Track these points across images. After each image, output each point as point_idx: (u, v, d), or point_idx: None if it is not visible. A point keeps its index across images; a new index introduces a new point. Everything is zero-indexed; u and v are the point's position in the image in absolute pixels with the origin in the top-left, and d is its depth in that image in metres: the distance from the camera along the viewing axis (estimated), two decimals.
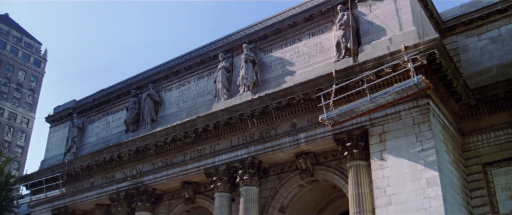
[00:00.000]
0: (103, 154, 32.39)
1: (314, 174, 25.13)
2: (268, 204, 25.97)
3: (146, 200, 29.98)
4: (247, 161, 25.83)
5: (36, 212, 36.49)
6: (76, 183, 34.17)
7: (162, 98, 32.43)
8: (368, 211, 21.57)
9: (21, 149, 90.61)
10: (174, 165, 29.13)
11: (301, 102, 24.73)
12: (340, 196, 26.85)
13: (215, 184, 26.81)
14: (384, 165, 21.70)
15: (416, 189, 20.53)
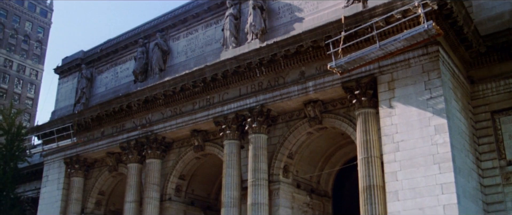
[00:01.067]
0: (113, 104, 32.76)
1: (323, 121, 25.36)
2: (277, 151, 26.38)
3: (156, 148, 30.51)
4: (256, 109, 26.06)
5: (49, 161, 37.33)
6: (87, 132, 34.75)
7: (170, 47, 32.44)
8: (376, 157, 21.91)
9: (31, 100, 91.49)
10: (183, 114, 29.48)
11: (309, 50, 24.68)
12: (348, 143, 27.19)
13: (224, 132, 27.17)
14: (393, 113, 21.85)
15: (424, 136, 20.74)
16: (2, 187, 40.80)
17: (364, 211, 21.34)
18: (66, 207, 34.63)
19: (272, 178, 25.91)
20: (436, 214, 19.52)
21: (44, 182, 37.21)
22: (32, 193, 43.18)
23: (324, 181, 30.00)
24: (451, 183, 19.55)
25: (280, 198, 25.71)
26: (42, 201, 36.62)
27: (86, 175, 35.46)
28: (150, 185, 29.97)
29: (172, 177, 30.89)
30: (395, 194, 20.67)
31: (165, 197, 30.57)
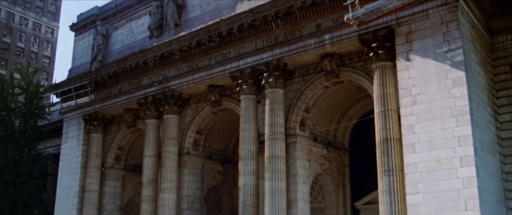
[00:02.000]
0: (129, 60, 33.03)
1: (339, 75, 25.37)
2: (294, 105, 26.56)
3: (173, 104, 30.88)
4: (272, 64, 26.11)
5: (68, 118, 38.06)
6: (104, 89, 35.21)
7: (184, 1, 32.27)
8: (393, 110, 22.00)
9: (48, 59, 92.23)
10: (200, 69, 29.65)
11: (326, 2, 24.43)
12: (365, 97, 27.26)
13: (240, 87, 27.36)
14: (410, 66, 21.76)
15: (442, 89, 20.71)
16: (24, 144, 41.81)
17: (381, 163, 21.62)
18: (87, 162, 35.50)
19: (289, 131, 26.21)
20: (452, 166, 19.70)
21: (64, 138, 38.07)
22: (53, 149, 44.24)
23: (340, 134, 30.28)
24: (468, 135, 19.65)
25: (297, 151, 26.07)
26: (63, 157, 37.57)
27: (104, 131, 36.16)
28: (168, 140, 30.53)
29: (190, 132, 31.40)
30: (412, 147, 20.86)
31: (183, 151, 31.19)
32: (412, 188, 20.58)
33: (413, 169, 20.67)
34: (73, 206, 35.01)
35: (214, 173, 33.21)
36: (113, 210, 35.11)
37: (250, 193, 25.81)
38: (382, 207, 21.27)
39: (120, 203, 35.75)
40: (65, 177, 36.59)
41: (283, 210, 24.63)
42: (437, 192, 19.90)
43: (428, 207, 19.95)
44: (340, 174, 29.82)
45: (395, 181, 21.17)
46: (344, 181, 29.93)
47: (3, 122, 42.44)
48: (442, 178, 19.90)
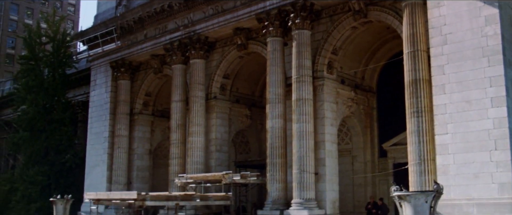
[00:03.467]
0: (154, 4, 32.99)
1: (368, 14, 24.96)
2: (321, 47, 26.40)
3: (199, 48, 30.98)
4: (299, 4, 25.76)
5: (95, 65, 38.62)
6: (130, 35, 35.42)
7: None
8: (422, 50, 21.73)
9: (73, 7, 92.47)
10: (225, 11, 29.48)
11: None
12: (394, 37, 26.90)
13: (267, 29, 27.21)
14: (441, 3, 21.29)
15: (474, 27, 20.30)
16: (53, 92, 42.79)
17: (410, 104, 21.58)
18: (115, 108, 36.24)
19: (316, 74, 26.19)
20: (483, 106, 19.59)
21: (92, 86, 38.76)
22: (82, 97, 45.13)
23: (368, 77, 30.16)
24: (500, 76, 19.40)
25: (325, 94, 26.12)
26: (92, 104, 38.40)
27: (132, 77, 36.66)
28: (195, 85, 30.86)
29: (217, 76, 31.64)
30: (442, 88, 20.73)
31: (211, 96, 31.55)
32: (441, 128, 20.61)
33: (442, 110, 20.62)
34: (104, 150, 36.07)
35: (242, 117, 33.62)
36: (143, 153, 36.15)
37: (277, 135, 26.16)
38: (411, 148, 21.40)
39: (149, 147, 36.73)
40: (95, 123, 37.53)
41: (311, 151, 24.99)
42: (467, 132, 19.91)
43: (456, 147, 20.03)
44: (367, 116, 29.92)
45: (423, 122, 21.17)
46: (372, 123, 30.04)
47: (32, 71, 43.37)
48: (472, 118, 19.84)
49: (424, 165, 20.97)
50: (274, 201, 25.85)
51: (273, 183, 26.08)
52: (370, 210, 25.80)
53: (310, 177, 24.91)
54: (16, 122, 46.11)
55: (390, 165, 28.76)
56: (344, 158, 29.10)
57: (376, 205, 25.71)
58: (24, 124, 42.67)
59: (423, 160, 20.99)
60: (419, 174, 20.96)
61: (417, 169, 21.07)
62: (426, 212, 17.65)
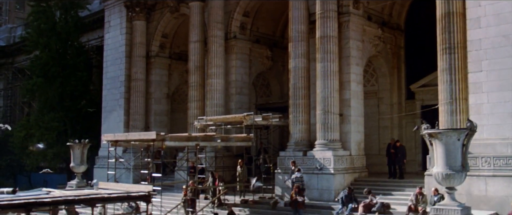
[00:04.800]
0: None
1: None
2: None
3: None
4: None
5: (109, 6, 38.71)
6: None
7: None
8: None
9: None
10: None
11: None
12: None
13: None
14: None
15: None
16: (66, 36, 42.67)
17: (441, 40, 20.96)
18: (131, 51, 36.14)
19: (342, 9, 25.50)
20: None
21: (107, 28, 38.54)
22: (96, 41, 45.00)
23: (396, 14, 29.41)
24: None
25: (350, 31, 25.53)
26: (106, 47, 38.30)
27: (147, 18, 36.28)
28: (213, 24, 30.42)
29: (236, 14, 31.15)
30: (477, 21, 20.03)
31: (230, 35, 31.18)
32: (475, 66, 20.07)
33: (477, 46, 19.99)
34: (120, 95, 36.22)
35: (262, 58, 33.27)
36: (161, 97, 36.23)
37: (300, 75, 25.87)
38: (442, 86, 20.93)
39: (167, 91, 36.76)
40: (110, 67, 37.52)
41: (335, 92, 24.72)
42: (503, 69, 19.35)
43: (491, 85, 19.53)
44: (395, 56, 29.37)
45: (456, 59, 20.57)
46: (399, 63, 29.51)
47: (43, 14, 43.06)
48: (509, 54, 19.23)
49: (455, 105, 20.56)
50: (297, 143, 25.87)
51: (296, 125, 26.01)
52: (390, 150, 25.63)
53: (335, 118, 24.75)
54: (29, 68, 46.38)
55: (417, 107, 28.40)
56: (369, 100, 28.80)
57: (395, 146, 25.52)
58: (38, 70, 42.85)
59: (454, 99, 20.56)
60: (450, 113, 20.59)
61: (448, 109, 20.68)
62: (458, 150, 17.45)
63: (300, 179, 23.14)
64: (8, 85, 57.16)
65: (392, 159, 25.57)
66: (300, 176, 23.24)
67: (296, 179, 23.07)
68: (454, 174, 17.21)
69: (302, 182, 23.15)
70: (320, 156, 24.49)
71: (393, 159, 25.44)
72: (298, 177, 23.15)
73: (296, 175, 23.27)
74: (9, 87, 57.03)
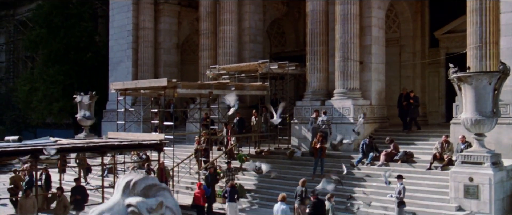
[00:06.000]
0: None
1: None
2: None
3: None
4: None
5: None
6: None
7: None
8: None
9: None
10: None
11: None
12: None
13: None
14: None
15: None
16: None
17: None
18: None
19: None
20: None
21: None
22: None
23: None
24: None
25: None
26: None
27: None
28: None
29: None
30: None
31: None
32: (508, 5, 19.47)
33: None
34: (128, 45, 35.80)
35: (277, 3, 32.57)
36: (170, 47, 35.69)
37: (319, 19, 25.27)
38: (471, 29, 20.36)
39: (176, 41, 36.19)
40: (116, 16, 36.95)
41: (355, 37, 24.17)
42: None
43: None
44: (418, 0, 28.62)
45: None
46: (423, 7, 28.74)
47: None
48: None
49: (485, 49, 20.05)
50: (314, 92, 25.54)
51: (313, 73, 25.61)
52: (401, 102, 24.88)
53: (355, 65, 24.29)
54: (32, 18, 45.94)
55: (442, 55, 27.82)
56: (391, 48, 28.16)
57: (408, 97, 24.75)
58: (41, 20, 42.39)
59: (484, 43, 20.04)
60: (479, 58, 20.10)
61: (477, 53, 20.18)
62: (489, 95, 17.04)
63: (326, 122, 22.91)
64: (10, 39, 56.90)
65: (404, 111, 24.78)
66: (327, 119, 22.98)
67: (323, 122, 22.82)
68: (484, 120, 16.89)
69: (329, 126, 23.00)
70: (339, 105, 24.16)
71: (406, 109, 24.75)
72: (324, 120, 22.90)
73: (323, 117, 23.02)
74: (11, 41, 56.77)
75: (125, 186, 4.38)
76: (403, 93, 25.29)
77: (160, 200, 4.30)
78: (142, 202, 4.25)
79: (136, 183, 4.38)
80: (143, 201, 4.26)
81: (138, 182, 4.39)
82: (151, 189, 4.41)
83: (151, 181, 4.45)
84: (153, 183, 4.44)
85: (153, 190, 4.42)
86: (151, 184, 4.42)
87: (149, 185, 4.41)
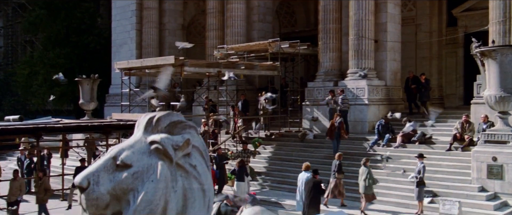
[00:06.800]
0: None
1: None
2: None
3: None
4: None
5: None
6: None
7: None
8: None
9: None
10: None
11: None
12: None
13: None
14: None
15: None
16: None
17: None
18: None
19: None
20: None
21: None
22: None
23: None
24: None
25: None
26: None
27: None
28: None
29: None
30: None
31: None
32: None
33: None
34: (131, 26, 35.44)
35: None
36: (175, 29, 35.17)
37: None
38: (493, 3, 19.97)
39: (182, 22, 35.68)
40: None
41: (370, 14, 23.77)
42: None
43: None
44: None
45: None
46: None
47: None
48: None
49: (509, 24, 19.66)
50: (327, 72, 25.22)
51: (326, 52, 25.27)
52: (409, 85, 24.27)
53: (369, 44, 23.92)
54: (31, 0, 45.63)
55: (460, 35, 27.32)
56: (406, 28, 27.64)
57: (416, 80, 24.14)
58: (40, 1, 42.11)
59: (508, 18, 19.66)
60: (503, 33, 19.71)
61: (500, 29, 19.79)
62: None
63: (345, 101, 22.61)
64: (8, 22, 56.59)
65: (413, 94, 24.17)
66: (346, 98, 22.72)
67: (342, 101, 22.49)
68: (509, 97, 16.58)
69: (349, 104, 22.78)
70: (353, 86, 23.81)
71: (415, 93, 24.13)
72: (344, 98, 22.63)
73: (343, 96, 22.74)
74: (9, 25, 56.47)
75: (147, 123, 4.08)
76: (410, 76, 24.68)
77: (186, 138, 3.98)
78: (168, 138, 3.93)
79: (159, 119, 4.07)
80: (168, 137, 3.95)
81: (162, 118, 4.08)
82: (176, 126, 4.10)
83: (176, 117, 4.14)
84: (178, 120, 4.13)
85: (178, 127, 4.11)
86: (176, 121, 4.11)
87: (174, 121, 4.10)
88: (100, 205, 3.81)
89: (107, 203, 3.83)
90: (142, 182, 3.84)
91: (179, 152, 3.96)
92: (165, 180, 3.84)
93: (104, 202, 3.82)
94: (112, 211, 3.87)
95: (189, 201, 3.94)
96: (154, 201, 3.76)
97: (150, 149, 3.96)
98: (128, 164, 3.87)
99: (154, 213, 3.76)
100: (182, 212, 3.91)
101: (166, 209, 3.82)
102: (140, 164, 3.89)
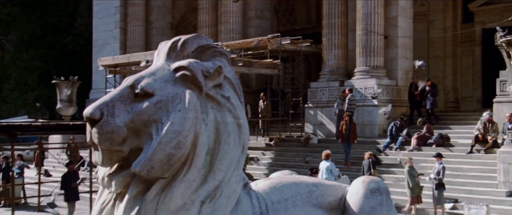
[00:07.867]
0: None
1: None
2: None
3: None
4: None
5: None
6: None
7: None
8: None
9: None
10: None
11: None
12: None
13: None
14: None
15: None
16: None
17: None
18: None
19: None
20: None
21: None
22: None
23: None
24: None
25: None
26: None
27: None
28: None
29: None
30: None
31: None
32: None
33: None
34: (115, 24, 35.00)
35: None
36: (164, 27, 34.73)
37: None
38: None
39: (171, 20, 35.29)
40: None
41: (380, 7, 23.60)
42: None
43: None
44: None
45: None
46: None
47: None
48: None
49: None
50: (332, 71, 25.01)
51: (330, 50, 25.07)
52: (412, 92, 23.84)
53: (379, 39, 23.71)
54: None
55: (477, 31, 27.18)
56: (418, 24, 27.37)
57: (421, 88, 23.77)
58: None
59: None
60: None
61: None
62: None
63: (353, 101, 22.31)
64: None
65: (416, 102, 23.62)
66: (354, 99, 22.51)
67: (350, 101, 22.15)
68: None
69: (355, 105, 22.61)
70: (360, 85, 23.56)
71: (419, 100, 23.60)
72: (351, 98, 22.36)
73: (350, 96, 22.46)
74: None
75: (170, 49, 3.73)
76: (414, 82, 24.33)
77: (218, 64, 3.62)
78: (197, 63, 3.56)
79: (186, 41, 3.71)
80: (197, 61, 3.58)
81: (188, 41, 3.71)
82: (205, 52, 3.75)
83: (206, 41, 3.78)
84: (208, 44, 3.77)
85: (207, 53, 3.76)
86: (206, 45, 3.75)
87: (203, 45, 3.74)
88: (116, 139, 3.43)
89: (125, 137, 3.46)
90: (166, 112, 3.48)
91: (209, 81, 3.61)
92: (194, 109, 3.47)
93: (121, 135, 3.45)
94: (130, 147, 3.50)
95: (222, 136, 3.59)
96: (183, 132, 3.40)
97: (175, 77, 3.60)
98: (149, 92, 3.51)
99: (182, 145, 3.38)
100: (214, 148, 3.55)
101: (196, 144, 3.45)
102: (164, 93, 3.54)
